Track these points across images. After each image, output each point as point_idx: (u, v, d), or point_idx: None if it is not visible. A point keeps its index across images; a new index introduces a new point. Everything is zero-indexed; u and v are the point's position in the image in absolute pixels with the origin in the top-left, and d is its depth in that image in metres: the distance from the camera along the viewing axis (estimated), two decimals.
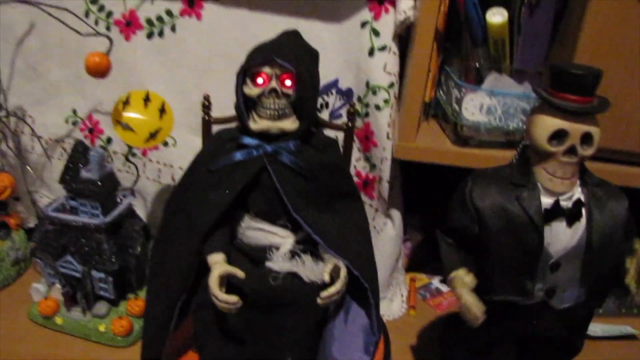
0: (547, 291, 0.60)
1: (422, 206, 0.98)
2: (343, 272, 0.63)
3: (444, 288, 0.99)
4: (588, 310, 0.64)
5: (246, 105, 0.65)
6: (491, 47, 0.76)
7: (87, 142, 0.93)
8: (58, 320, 0.83)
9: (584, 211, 0.58)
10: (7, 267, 0.91)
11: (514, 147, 0.73)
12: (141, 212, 0.94)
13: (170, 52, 0.87)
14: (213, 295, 0.62)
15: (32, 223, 1.01)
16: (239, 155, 0.65)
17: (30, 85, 0.93)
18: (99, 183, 0.76)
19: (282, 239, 0.66)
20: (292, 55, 0.63)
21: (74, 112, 0.94)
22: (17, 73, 0.93)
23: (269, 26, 0.78)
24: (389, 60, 0.79)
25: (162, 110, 0.76)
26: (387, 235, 0.89)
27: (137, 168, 0.87)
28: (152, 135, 0.75)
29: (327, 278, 0.63)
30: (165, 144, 0.91)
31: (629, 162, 0.77)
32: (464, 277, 0.60)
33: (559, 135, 0.56)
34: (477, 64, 0.77)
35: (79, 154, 0.78)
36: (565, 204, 0.58)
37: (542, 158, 0.58)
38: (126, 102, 0.75)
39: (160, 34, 0.87)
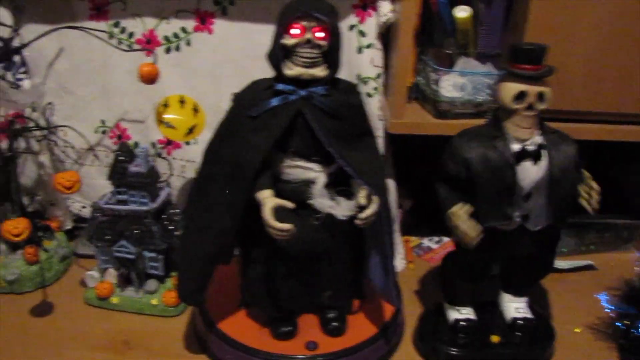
0: (523, 217, 0.77)
1: (410, 178, 1.12)
2: (375, 197, 0.73)
3: (433, 245, 1.16)
4: (555, 231, 0.82)
5: (282, 53, 0.72)
6: (459, 37, 0.92)
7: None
8: (114, 300, 0.94)
9: (544, 152, 0.75)
10: (57, 263, 1.02)
11: (482, 116, 0.92)
12: None
13: (186, 63, 0.99)
14: (269, 226, 0.70)
15: (69, 225, 1.12)
16: (275, 101, 0.72)
17: (61, 102, 1.04)
18: (146, 175, 0.89)
19: (316, 173, 0.74)
20: (324, 9, 0.69)
21: (103, 122, 1.06)
22: (49, 92, 1.03)
23: (270, 35, 0.93)
24: (375, 55, 0.95)
25: (196, 110, 0.89)
26: None
27: (170, 163, 1.00)
28: (190, 130, 0.89)
29: (362, 201, 0.72)
30: (188, 143, 1.05)
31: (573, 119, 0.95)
32: (460, 209, 0.75)
33: (520, 96, 0.73)
34: (449, 51, 0.93)
35: (124, 154, 0.90)
36: (530, 147, 0.75)
37: (509, 115, 0.74)
38: (166, 105, 0.89)
39: (177, 48, 0.99)
